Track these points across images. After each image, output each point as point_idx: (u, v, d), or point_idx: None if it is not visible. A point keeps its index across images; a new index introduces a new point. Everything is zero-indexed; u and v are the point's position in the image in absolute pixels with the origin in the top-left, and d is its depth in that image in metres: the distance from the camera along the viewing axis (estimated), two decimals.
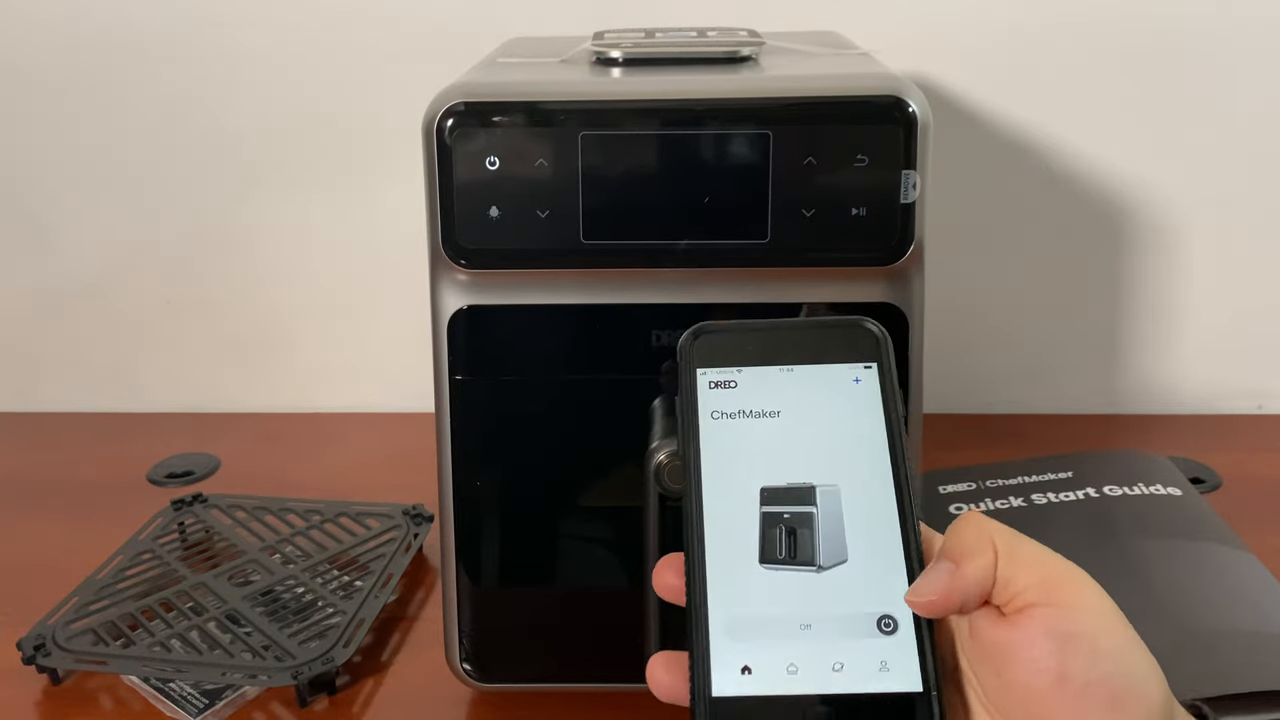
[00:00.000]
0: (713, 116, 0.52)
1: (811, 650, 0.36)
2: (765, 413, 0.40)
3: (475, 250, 0.54)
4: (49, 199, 0.98)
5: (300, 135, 0.94)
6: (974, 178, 0.92)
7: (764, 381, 0.41)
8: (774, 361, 0.41)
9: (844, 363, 0.41)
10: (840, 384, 0.41)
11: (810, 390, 0.41)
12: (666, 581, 0.40)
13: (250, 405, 1.01)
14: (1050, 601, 0.35)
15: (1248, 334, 0.96)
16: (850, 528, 0.38)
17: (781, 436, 0.40)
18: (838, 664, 0.36)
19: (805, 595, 0.37)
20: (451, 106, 0.52)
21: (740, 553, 0.38)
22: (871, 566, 0.37)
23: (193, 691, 0.62)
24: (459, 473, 0.57)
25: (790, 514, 0.38)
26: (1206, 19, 0.88)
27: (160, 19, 0.92)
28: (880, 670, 0.36)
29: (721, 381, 0.41)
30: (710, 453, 0.40)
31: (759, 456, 0.40)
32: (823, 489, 0.39)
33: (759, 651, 0.36)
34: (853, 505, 0.38)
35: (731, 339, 0.42)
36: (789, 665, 0.36)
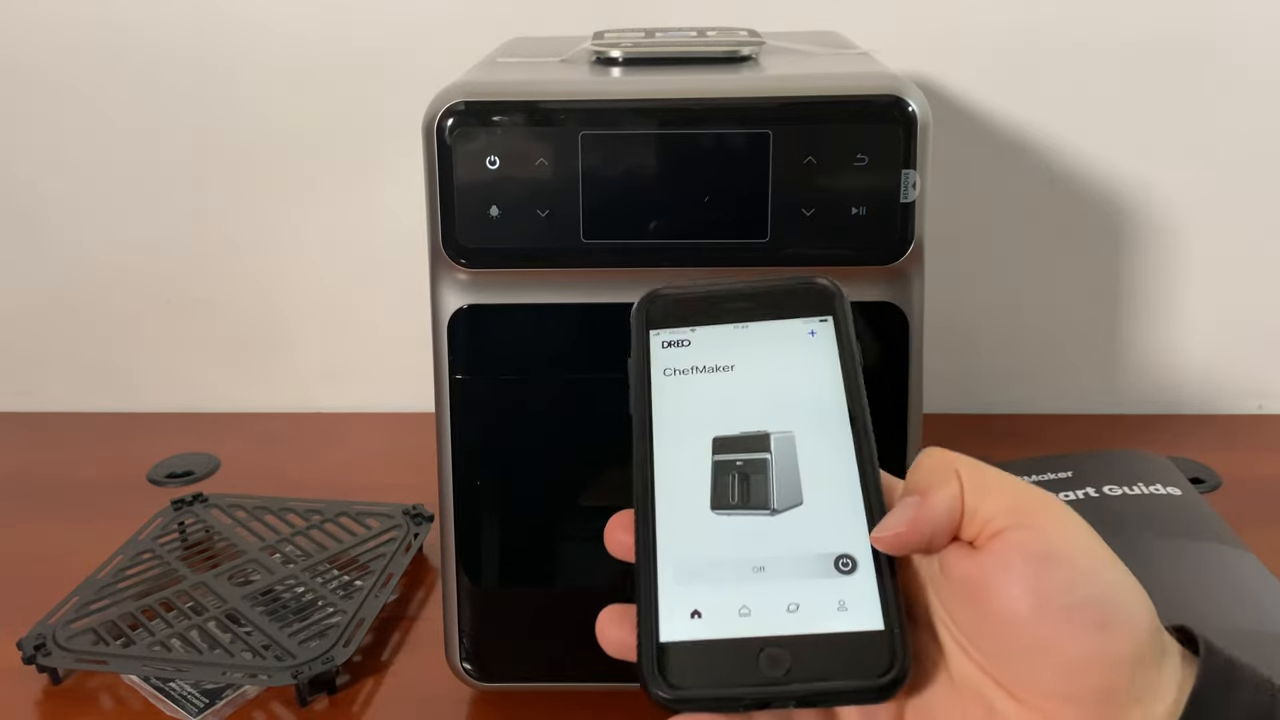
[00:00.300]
0: (713, 116, 0.52)
1: (765, 592, 0.35)
2: (718, 367, 0.40)
3: (475, 250, 0.54)
4: (49, 199, 0.98)
5: (300, 135, 0.94)
6: (974, 178, 0.92)
7: (717, 339, 0.41)
8: (728, 320, 0.41)
9: (798, 317, 0.41)
10: (795, 338, 0.41)
11: (764, 345, 0.41)
12: (617, 539, 0.38)
13: (250, 405, 1.01)
14: (1022, 524, 0.34)
15: (1248, 334, 0.96)
16: (806, 473, 0.38)
17: (735, 389, 0.40)
18: (793, 604, 0.35)
19: (758, 538, 0.36)
20: (451, 106, 0.52)
21: (691, 502, 0.37)
22: (828, 509, 0.37)
23: (193, 691, 0.62)
24: (459, 472, 0.57)
25: (743, 461, 0.38)
26: (1207, 19, 0.88)
27: (160, 19, 0.92)
28: (838, 610, 0.35)
29: (674, 341, 0.41)
30: (662, 408, 0.40)
31: (712, 409, 0.39)
32: (777, 436, 0.38)
33: (709, 595, 0.35)
34: (809, 451, 0.38)
35: (685, 302, 0.42)
36: (741, 607, 0.35)
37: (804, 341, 0.41)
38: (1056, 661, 0.33)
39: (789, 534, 0.36)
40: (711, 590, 0.35)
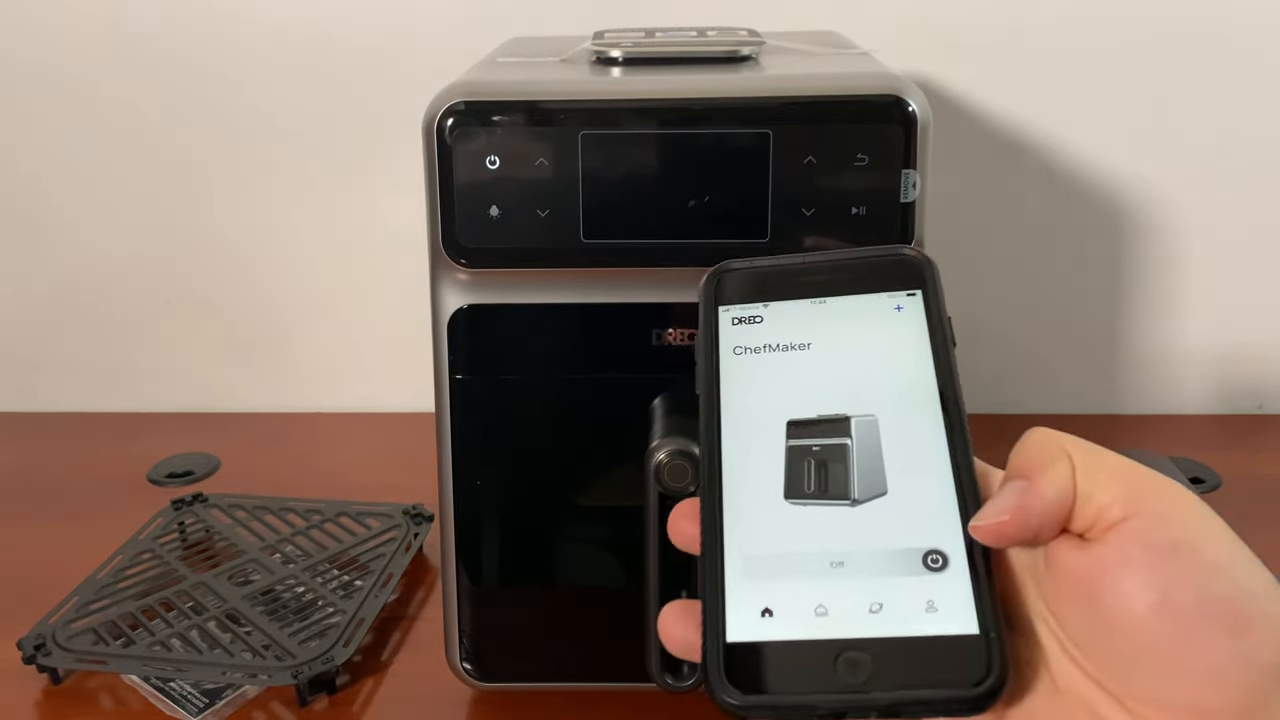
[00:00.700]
0: (713, 116, 0.52)
1: (844, 590, 0.32)
2: (793, 345, 0.37)
3: (475, 249, 0.54)
4: (49, 199, 0.98)
5: (300, 135, 0.94)
6: (974, 178, 0.92)
7: (793, 315, 0.37)
8: (805, 295, 0.38)
9: (884, 291, 0.37)
10: (879, 313, 0.37)
11: (845, 321, 0.37)
12: (681, 529, 0.35)
13: (250, 405, 1.01)
14: (1142, 512, 0.30)
15: (1248, 334, 0.96)
16: (891, 460, 0.34)
17: (812, 369, 0.36)
18: (875, 604, 0.31)
19: (837, 531, 0.33)
20: (451, 106, 0.52)
21: (763, 490, 0.34)
22: (916, 499, 0.33)
23: (193, 691, 0.62)
24: (459, 472, 0.57)
25: (820, 446, 0.34)
26: (1206, 19, 0.88)
27: (161, 19, 0.92)
28: (927, 611, 0.31)
29: (746, 317, 0.38)
30: (731, 389, 0.36)
31: (786, 391, 0.36)
32: (859, 419, 0.35)
33: (782, 592, 0.32)
34: (894, 436, 0.34)
35: (757, 275, 0.39)
36: (817, 606, 0.31)
37: (889, 317, 0.37)
38: (1183, 670, 0.29)
39: (871, 526, 0.33)
40: (784, 587, 0.32)
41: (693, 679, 0.54)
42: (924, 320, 0.37)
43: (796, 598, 0.32)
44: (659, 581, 0.53)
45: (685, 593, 0.54)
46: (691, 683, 0.54)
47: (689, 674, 0.55)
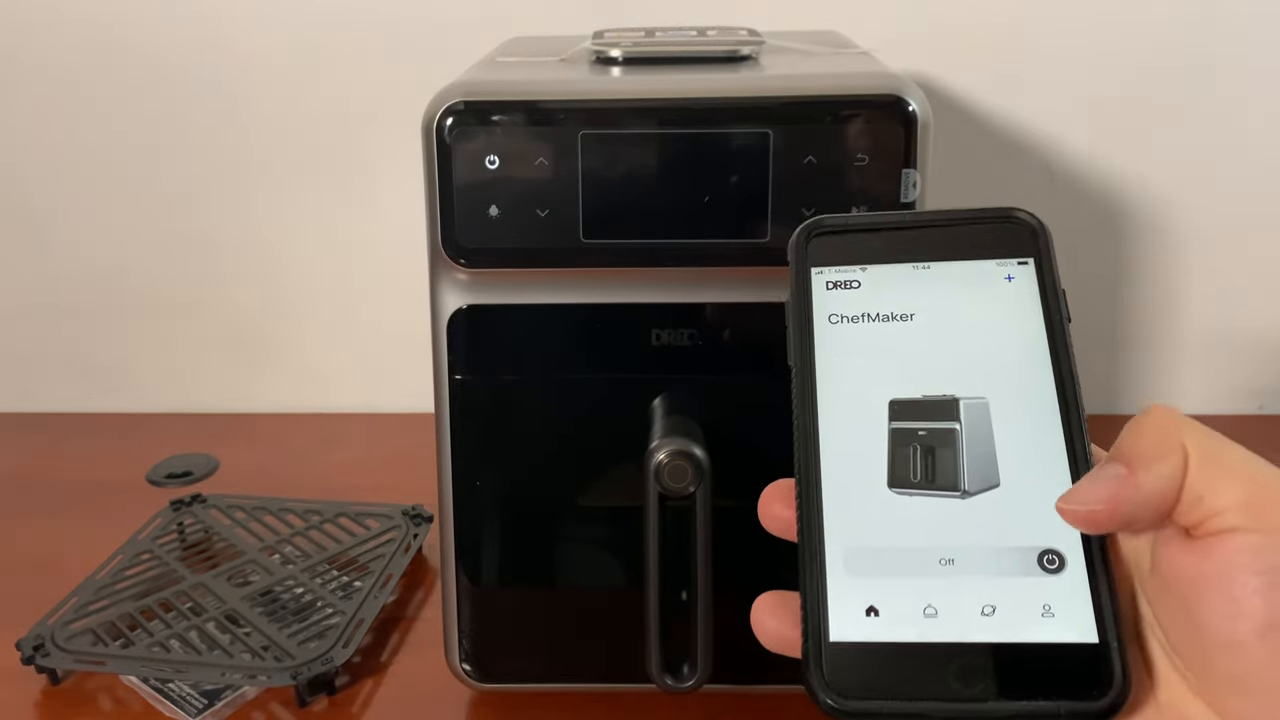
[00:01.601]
0: (712, 116, 0.52)
1: (955, 589, 0.30)
2: (896, 315, 0.34)
3: (475, 249, 0.53)
4: (48, 199, 0.97)
5: (300, 135, 0.94)
6: (974, 178, 0.92)
7: (894, 280, 0.35)
8: (906, 259, 0.35)
9: (994, 258, 0.35)
10: (989, 282, 0.34)
11: (951, 290, 0.34)
12: (774, 513, 0.33)
13: (250, 406, 1.01)
14: (1259, 526, 0.28)
15: (1248, 334, 0.96)
16: (1003, 447, 0.32)
17: (916, 342, 0.34)
18: (988, 606, 0.30)
19: (947, 525, 0.31)
20: (451, 105, 0.52)
21: (864, 476, 0.32)
22: (1030, 492, 0.31)
23: (192, 692, 0.62)
24: (459, 473, 0.57)
25: (927, 430, 0.32)
26: (1206, 18, 0.88)
27: (159, 19, 0.92)
28: (1043, 615, 0.29)
29: (842, 281, 0.35)
30: (827, 362, 0.33)
31: (888, 366, 0.33)
32: (968, 402, 0.33)
33: (888, 590, 0.30)
34: (1006, 422, 0.32)
35: (854, 234, 0.36)
36: (926, 607, 0.30)
37: (999, 287, 0.34)
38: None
39: (983, 521, 0.31)
40: (891, 584, 0.30)
41: (693, 679, 0.54)
42: (1037, 292, 0.34)
43: (904, 596, 0.30)
44: (659, 582, 0.53)
45: (685, 594, 0.54)
46: (693, 683, 0.54)
47: (689, 674, 0.55)
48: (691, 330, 0.54)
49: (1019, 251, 0.35)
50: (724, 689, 0.58)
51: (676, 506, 0.52)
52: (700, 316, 0.54)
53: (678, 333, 0.55)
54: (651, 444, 0.52)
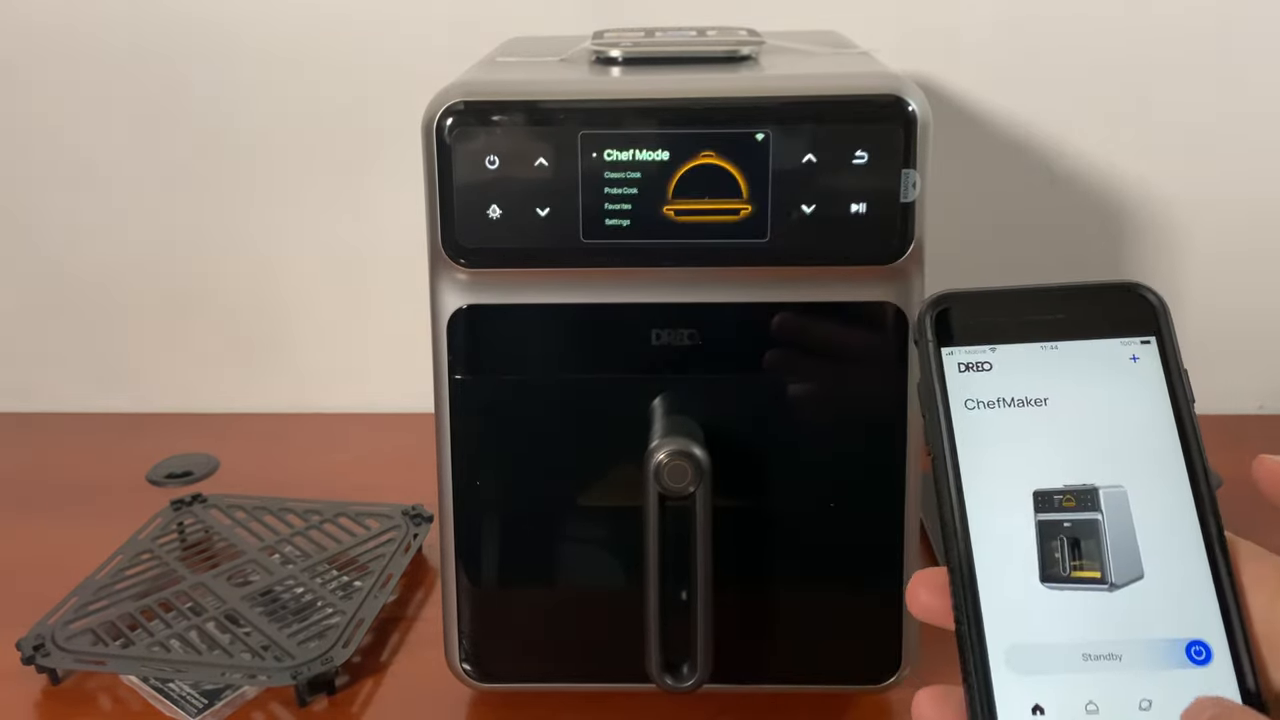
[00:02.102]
0: (713, 116, 0.52)
1: (1112, 685, 0.31)
2: (1030, 400, 0.34)
3: (475, 250, 0.53)
4: (48, 199, 0.97)
5: (300, 135, 0.94)
6: (974, 178, 0.92)
7: (1024, 362, 0.35)
8: (1033, 337, 0.35)
9: (1118, 337, 0.35)
10: (1115, 363, 0.34)
11: (1080, 371, 0.34)
12: (922, 602, 0.34)
13: (250, 405, 1.01)
14: None
15: (1248, 334, 0.96)
16: (1143, 537, 0.32)
17: (1051, 429, 0.34)
18: (1145, 701, 0.30)
19: (1098, 619, 0.31)
20: (451, 106, 0.52)
21: (1016, 569, 0.32)
22: (1173, 583, 0.32)
23: (192, 691, 0.62)
24: (458, 472, 0.57)
25: (1071, 522, 0.33)
26: (1206, 18, 0.88)
27: (159, 19, 0.92)
28: None
29: (974, 363, 0.35)
30: (968, 449, 0.34)
31: (1027, 453, 0.34)
32: (1107, 491, 0.33)
33: (1050, 686, 0.31)
34: (1143, 510, 0.33)
35: (979, 310, 0.36)
36: (1088, 704, 0.31)
37: (1125, 368, 0.34)
38: None
39: (1132, 614, 0.31)
40: (1052, 680, 0.31)
41: (693, 679, 0.54)
42: (1161, 372, 0.35)
43: (1066, 693, 0.31)
44: (659, 582, 0.53)
45: (685, 594, 0.54)
46: (693, 683, 0.54)
47: (689, 674, 0.55)
48: (691, 330, 0.55)
49: (1141, 329, 0.35)
50: (724, 689, 0.58)
51: (676, 506, 0.52)
52: (700, 316, 0.54)
53: (677, 333, 0.55)
54: (651, 444, 0.52)
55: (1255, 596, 0.32)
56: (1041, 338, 0.35)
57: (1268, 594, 0.31)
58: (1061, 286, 0.36)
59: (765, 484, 0.56)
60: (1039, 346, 0.35)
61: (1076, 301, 0.35)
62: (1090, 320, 0.35)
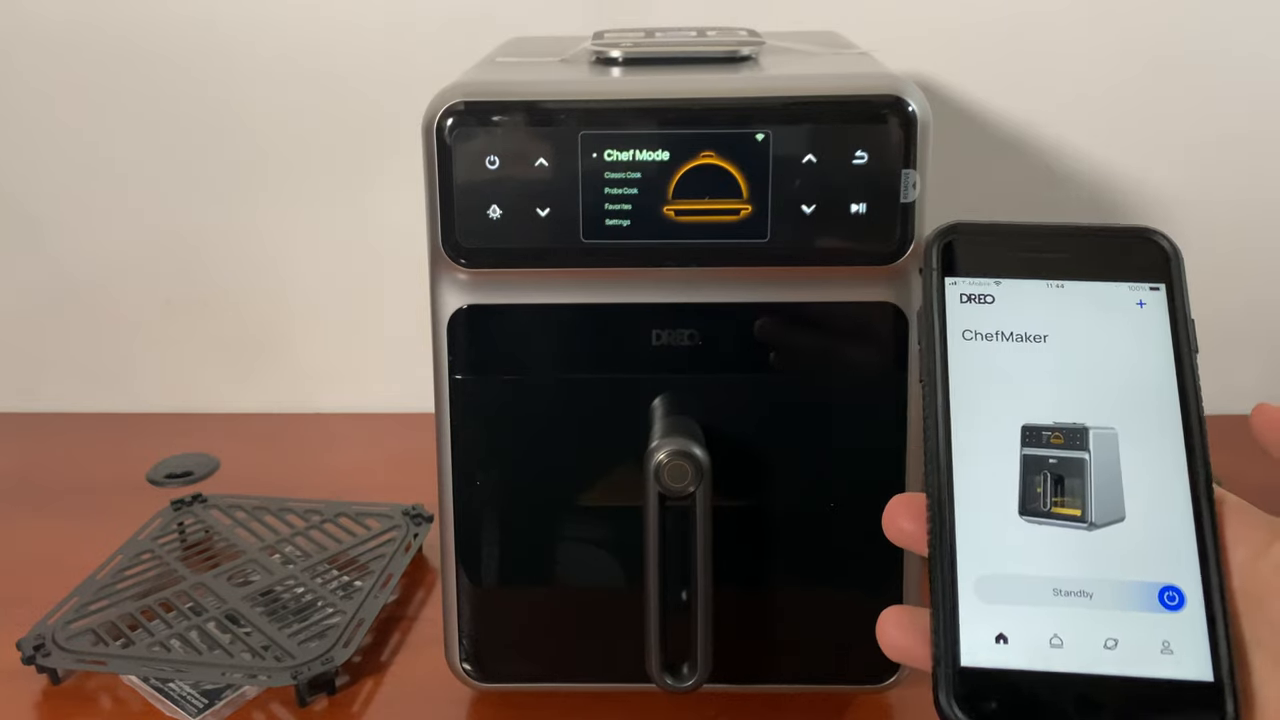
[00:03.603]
0: (713, 116, 0.52)
1: (1080, 621, 0.31)
2: (1029, 336, 0.34)
3: (475, 250, 0.54)
4: (48, 199, 0.98)
5: (300, 135, 0.94)
6: (974, 178, 0.92)
7: (1028, 297, 0.35)
8: (1040, 274, 0.35)
9: (1126, 281, 0.35)
10: (1121, 307, 0.35)
11: (1084, 312, 0.34)
12: (900, 526, 0.34)
13: (250, 405, 1.01)
14: None
15: (1248, 334, 0.96)
16: (1129, 480, 0.33)
17: (1048, 366, 0.34)
18: (1110, 640, 0.31)
19: (1073, 556, 0.32)
20: (451, 106, 0.52)
21: (995, 501, 0.33)
22: (1154, 528, 0.32)
23: (192, 691, 0.62)
24: (459, 473, 0.57)
25: (1057, 459, 0.33)
26: (1207, 18, 0.88)
27: (160, 19, 0.92)
28: (1162, 652, 0.31)
29: (976, 295, 0.35)
30: (961, 379, 0.34)
31: (1020, 388, 0.34)
32: (1097, 432, 0.33)
33: (1017, 618, 0.31)
34: (1132, 454, 0.33)
35: (989, 243, 0.36)
36: (1052, 637, 0.31)
37: (1131, 313, 0.35)
38: None
39: (1108, 554, 0.32)
40: (1019, 612, 0.31)
41: (693, 679, 0.54)
42: (1168, 320, 0.35)
43: (1031, 625, 0.31)
44: (659, 582, 0.53)
45: (685, 594, 0.54)
46: (692, 683, 0.54)
47: (689, 674, 0.55)
48: (691, 330, 0.55)
49: (1152, 276, 0.35)
50: (724, 689, 0.58)
51: (676, 506, 0.52)
52: (700, 317, 0.54)
53: (678, 333, 0.55)
54: (651, 444, 0.52)
55: (1236, 550, 0.32)
56: (1048, 275, 0.35)
57: (1250, 550, 0.32)
58: (1075, 227, 0.36)
59: (765, 484, 0.56)
60: (1045, 284, 0.35)
61: (1088, 242, 0.35)
62: (1100, 262, 0.35)
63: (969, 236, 0.36)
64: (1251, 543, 0.32)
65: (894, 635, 0.34)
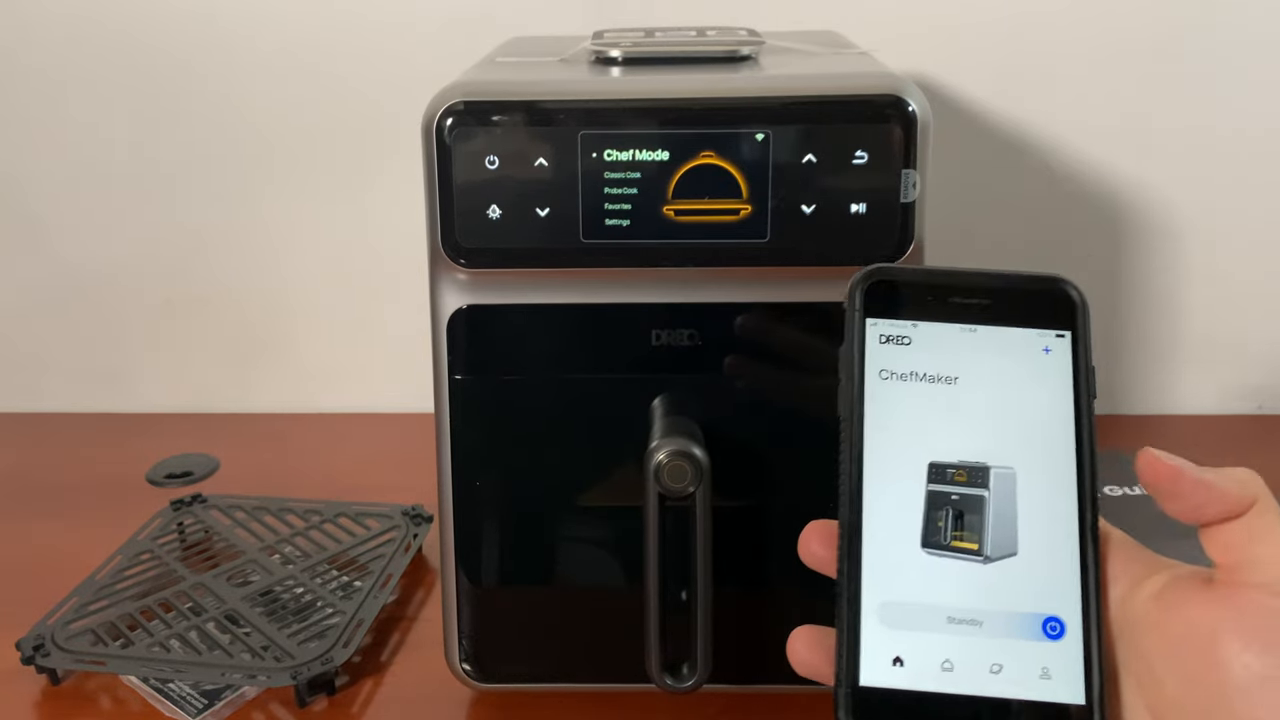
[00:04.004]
0: (713, 116, 0.52)
1: (970, 647, 0.34)
2: (940, 377, 0.36)
3: (475, 250, 0.54)
4: (48, 198, 0.98)
5: (300, 135, 0.94)
6: (974, 178, 0.92)
7: (942, 340, 0.37)
8: (955, 318, 0.37)
9: (1035, 327, 0.37)
10: (1027, 352, 0.37)
11: (993, 355, 0.37)
12: (812, 550, 0.37)
13: (250, 405, 1.01)
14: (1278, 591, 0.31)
15: (1248, 334, 0.96)
16: (1024, 517, 0.35)
17: (957, 406, 0.36)
18: (996, 665, 0.34)
19: (968, 587, 0.34)
20: (451, 106, 0.52)
21: (900, 533, 0.35)
22: (1042, 563, 0.34)
23: (192, 692, 0.62)
24: (459, 473, 0.57)
25: (959, 495, 0.35)
26: (1207, 19, 0.88)
27: (160, 19, 0.92)
28: (1041, 677, 0.33)
29: (894, 336, 0.37)
30: (875, 416, 0.36)
31: (930, 427, 0.36)
32: (997, 471, 0.35)
33: (913, 643, 0.34)
34: (1029, 492, 0.35)
35: (910, 287, 0.38)
36: (944, 661, 0.34)
37: (1037, 358, 0.37)
38: None
39: (999, 586, 0.34)
40: (916, 638, 0.34)
41: (692, 679, 0.54)
42: (1070, 367, 0.37)
43: (926, 650, 0.34)
44: (659, 582, 0.53)
45: (685, 594, 0.54)
46: (692, 683, 0.54)
47: (688, 674, 0.55)
48: (691, 331, 0.55)
49: (1058, 324, 0.37)
50: (723, 689, 0.58)
51: (676, 507, 0.52)
52: (700, 317, 0.54)
53: (677, 333, 0.55)
54: (651, 444, 0.52)
55: (1116, 585, 0.35)
56: (963, 319, 0.37)
57: (1127, 584, 0.34)
58: (990, 273, 0.38)
59: (765, 484, 0.56)
60: (959, 328, 0.37)
61: (1002, 289, 0.38)
62: (1012, 308, 0.37)
63: (891, 281, 0.38)
64: (1130, 577, 0.35)
65: (802, 653, 0.37)
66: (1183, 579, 0.34)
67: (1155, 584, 0.34)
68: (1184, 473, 0.34)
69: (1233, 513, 0.34)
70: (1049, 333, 0.37)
